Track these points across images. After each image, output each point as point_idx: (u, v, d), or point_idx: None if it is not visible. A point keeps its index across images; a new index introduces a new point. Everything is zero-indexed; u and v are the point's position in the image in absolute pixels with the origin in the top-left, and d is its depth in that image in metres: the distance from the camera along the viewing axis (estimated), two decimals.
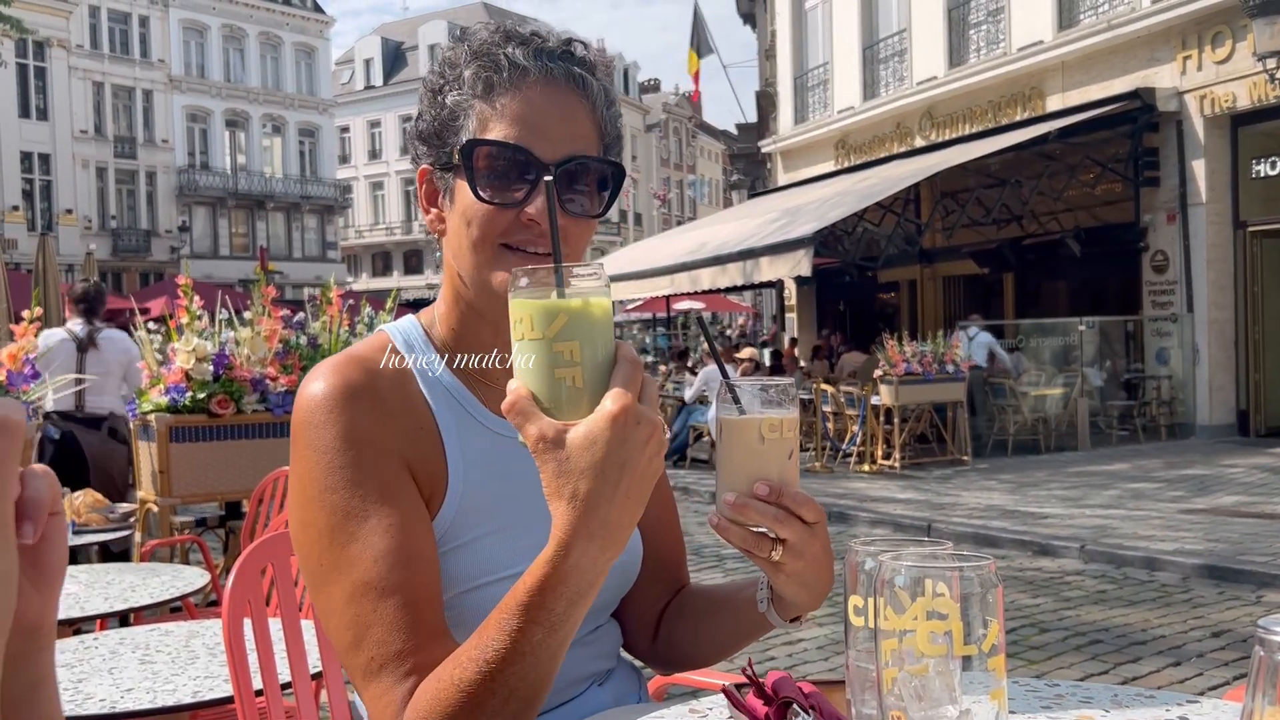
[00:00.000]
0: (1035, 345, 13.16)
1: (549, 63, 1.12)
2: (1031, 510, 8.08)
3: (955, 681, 0.80)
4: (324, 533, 1.05)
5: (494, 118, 1.10)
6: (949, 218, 14.96)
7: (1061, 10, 13.70)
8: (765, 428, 1.00)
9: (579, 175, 1.11)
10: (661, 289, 15.50)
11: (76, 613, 2.52)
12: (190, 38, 38.63)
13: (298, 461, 1.09)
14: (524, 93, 1.10)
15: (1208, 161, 12.11)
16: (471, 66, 1.12)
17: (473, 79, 1.11)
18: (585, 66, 1.14)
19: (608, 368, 0.87)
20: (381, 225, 51.21)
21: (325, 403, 1.08)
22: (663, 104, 62.32)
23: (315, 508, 1.06)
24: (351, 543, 1.04)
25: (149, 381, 5.00)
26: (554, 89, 1.11)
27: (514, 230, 1.10)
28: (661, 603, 1.33)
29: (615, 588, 1.23)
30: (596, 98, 1.14)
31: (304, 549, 1.08)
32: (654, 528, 1.30)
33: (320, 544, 1.05)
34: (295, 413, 1.10)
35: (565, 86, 1.12)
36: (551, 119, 1.10)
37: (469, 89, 1.11)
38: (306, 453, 1.08)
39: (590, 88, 1.13)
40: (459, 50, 1.14)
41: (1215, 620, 5.22)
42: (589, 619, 1.21)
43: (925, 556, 0.85)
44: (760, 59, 21.93)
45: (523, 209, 1.09)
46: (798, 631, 5.29)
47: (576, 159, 1.10)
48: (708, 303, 24.40)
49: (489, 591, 1.10)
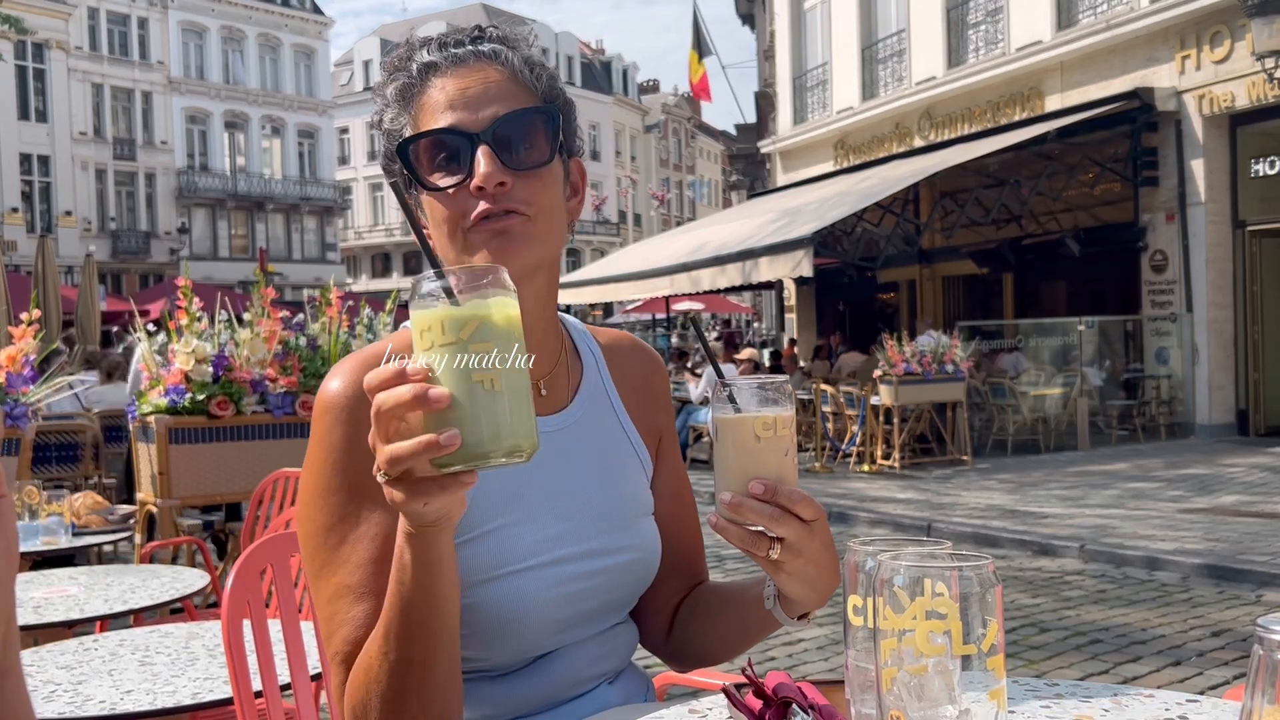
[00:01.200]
0: (1035, 345, 13.16)
1: (454, 49, 1.15)
2: (1031, 510, 8.08)
3: (954, 681, 0.80)
4: (321, 530, 1.10)
5: (420, 117, 1.14)
6: (948, 218, 14.97)
7: (1060, 10, 13.70)
8: (760, 426, 1.00)
9: (516, 132, 1.12)
10: (661, 290, 15.50)
11: (76, 614, 2.52)
12: (189, 39, 38.62)
13: (312, 453, 1.12)
14: (436, 84, 1.14)
15: (1207, 161, 12.11)
16: (391, 84, 1.16)
17: (395, 94, 1.16)
18: (496, 41, 1.17)
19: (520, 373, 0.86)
20: (381, 226, 51.21)
21: (340, 401, 1.11)
22: (661, 105, 62.31)
23: (318, 504, 1.10)
24: (342, 545, 1.08)
25: (149, 383, 5.00)
26: (465, 69, 1.14)
27: (471, 208, 1.11)
28: (677, 597, 1.33)
29: (633, 585, 1.24)
30: (514, 65, 1.16)
31: (304, 538, 1.12)
32: (671, 523, 1.31)
33: (316, 539, 1.10)
34: (315, 405, 1.14)
35: (477, 64, 1.14)
36: (470, 94, 1.12)
37: (395, 104, 1.16)
38: (317, 448, 1.12)
39: (504, 58, 1.15)
40: (382, 76, 1.19)
41: (1215, 620, 5.22)
42: (605, 616, 1.22)
43: (924, 556, 0.85)
44: (759, 59, 21.94)
45: (469, 183, 1.10)
46: (797, 632, 5.29)
47: (504, 117, 1.11)
48: (707, 303, 24.39)
49: (506, 583, 1.11)
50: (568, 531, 1.17)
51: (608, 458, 1.25)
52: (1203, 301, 12.24)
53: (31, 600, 2.65)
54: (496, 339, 0.84)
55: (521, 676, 1.17)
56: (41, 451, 6.49)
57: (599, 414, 1.27)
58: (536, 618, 1.13)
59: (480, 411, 0.83)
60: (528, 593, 1.12)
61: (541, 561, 1.14)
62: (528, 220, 1.12)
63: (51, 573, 3.07)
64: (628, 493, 1.25)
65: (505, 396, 0.84)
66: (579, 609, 1.17)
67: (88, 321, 13.65)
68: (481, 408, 0.83)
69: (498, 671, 1.16)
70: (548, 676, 1.17)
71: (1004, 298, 16.34)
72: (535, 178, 1.12)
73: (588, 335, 1.34)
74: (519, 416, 0.85)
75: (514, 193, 1.11)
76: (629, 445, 1.29)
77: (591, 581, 1.18)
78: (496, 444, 0.83)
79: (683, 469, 1.38)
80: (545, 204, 1.13)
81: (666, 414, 1.37)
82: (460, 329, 0.83)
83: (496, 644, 1.13)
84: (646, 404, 1.33)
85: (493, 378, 0.83)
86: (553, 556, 1.15)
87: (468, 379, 0.83)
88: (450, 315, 0.83)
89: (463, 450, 0.82)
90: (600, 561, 1.19)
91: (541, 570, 1.14)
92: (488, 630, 1.12)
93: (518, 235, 1.11)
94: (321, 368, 5.30)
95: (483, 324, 0.83)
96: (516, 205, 1.11)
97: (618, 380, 1.31)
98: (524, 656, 1.16)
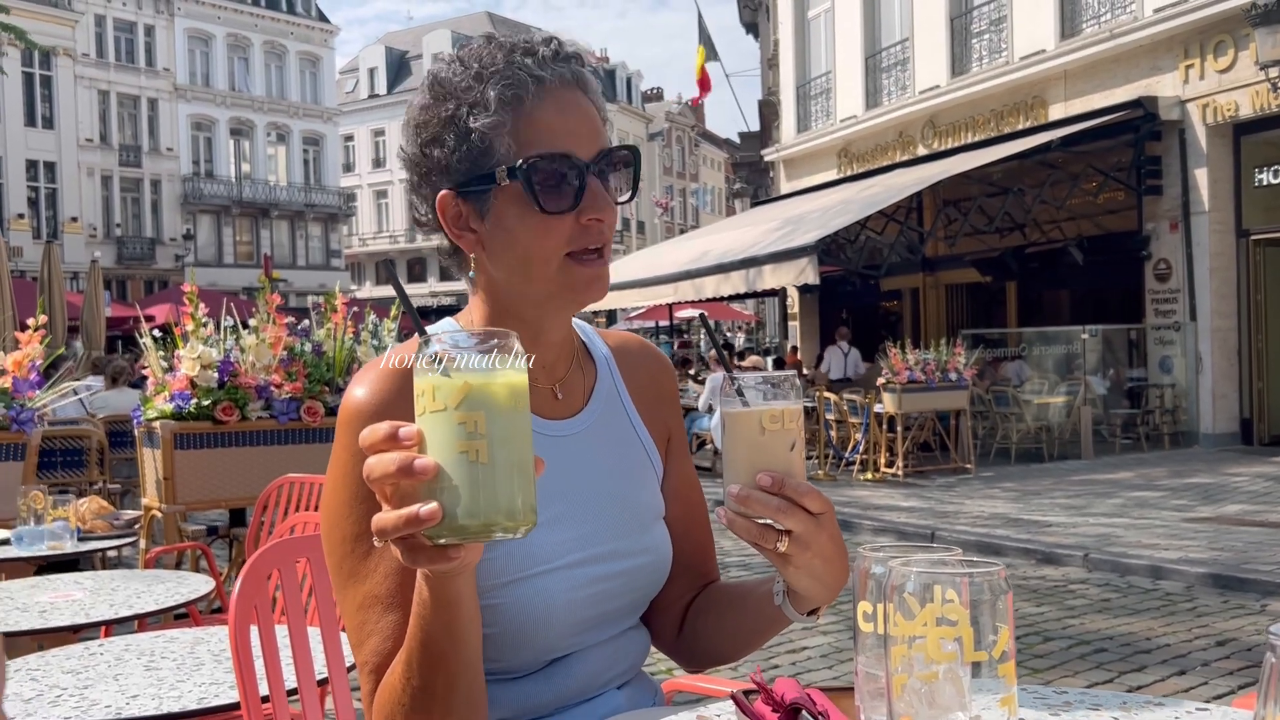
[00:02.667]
0: (1038, 353, 13.15)
1: (558, 67, 1.15)
2: (1035, 518, 8.06)
3: (965, 688, 0.80)
4: (349, 538, 1.10)
5: (531, 131, 1.12)
6: (951, 226, 14.97)
7: (1064, 19, 13.72)
8: (767, 419, 1.01)
9: (614, 164, 1.16)
10: (664, 297, 15.50)
11: (82, 619, 2.52)
12: (195, 47, 38.74)
13: (338, 461, 1.12)
14: (547, 101, 1.13)
15: (1210, 170, 12.11)
16: (495, 87, 1.11)
17: (499, 99, 1.11)
18: (580, 62, 1.18)
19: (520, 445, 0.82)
20: (385, 233, 51.28)
21: (364, 409, 1.11)
22: (665, 112, 62.39)
23: (345, 512, 1.11)
24: (371, 554, 1.09)
25: (154, 388, 5.00)
26: (568, 91, 1.15)
27: (575, 236, 1.13)
28: (687, 596, 1.34)
29: (645, 588, 1.25)
30: (594, 90, 1.18)
31: (330, 546, 1.13)
32: (681, 523, 1.32)
33: (344, 548, 1.11)
34: (340, 411, 1.15)
35: (574, 85, 1.16)
36: (576, 120, 1.14)
37: (497, 109, 1.11)
38: (344, 455, 1.12)
39: (588, 82, 1.17)
40: (464, 73, 1.14)
41: (1220, 629, 5.20)
42: (619, 620, 1.23)
43: (935, 562, 0.85)
44: (763, 68, 21.97)
45: (579, 213, 1.12)
46: (802, 639, 5.26)
47: (606, 152, 1.14)
48: (711, 311, 24.41)
49: (527, 585, 1.12)
50: (586, 535, 1.19)
51: (622, 461, 1.26)
52: (1206, 310, 12.23)
53: (37, 605, 2.65)
54: (489, 409, 0.80)
55: (535, 679, 1.18)
56: (47, 456, 6.51)
57: (612, 417, 1.28)
58: (556, 620, 1.14)
59: (466, 484, 0.79)
60: (549, 594, 1.13)
61: (562, 564, 1.15)
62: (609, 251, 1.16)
63: (57, 578, 3.07)
64: (642, 496, 1.27)
65: (495, 470, 0.80)
66: (596, 611, 1.18)
67: (93, 327, 13.67)
68: (467, 480, 0.79)
69: (512, 674, 1.17)
70: (561, 679, 1.18)
71: (1007, 306, 16.33)
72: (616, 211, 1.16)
73: (597, 338, 1.35)
74: (510, 491, 0.81)
75: (609, 226, 1.14)
76: (641, 448, 1.30)
77: (608, 584, 1.19)
78: (484, 519, 0.80)
79: (692, 469, 1.39)
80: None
81: (675, 415, 1.38)
82: (449, 397, 0.80)
83: (516, 645, 1.14)
84: (656, 405, 1.35)
85: (479, 448, 0.79)
86: (573, 559, 1.16)
87: (453, 449, 0.79)
88: (441, 382, 0.80)
89: (447, 523, 0.79)
90: (617, 565, 1.20)
91: (562, 572, 1.15)
92: (508, 631, 1.13)
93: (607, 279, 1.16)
94: (326, 374, 5.31)
95: (473, 393, 0.80)
96: (608, 239, 1.15)
97: (628, 382, 1.33)
98: (541, 659, 1.17)
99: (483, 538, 0.81)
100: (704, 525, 1.38)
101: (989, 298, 16.86)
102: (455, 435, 0.80)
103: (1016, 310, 16.06)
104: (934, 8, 15.71)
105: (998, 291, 16.50)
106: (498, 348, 0.82)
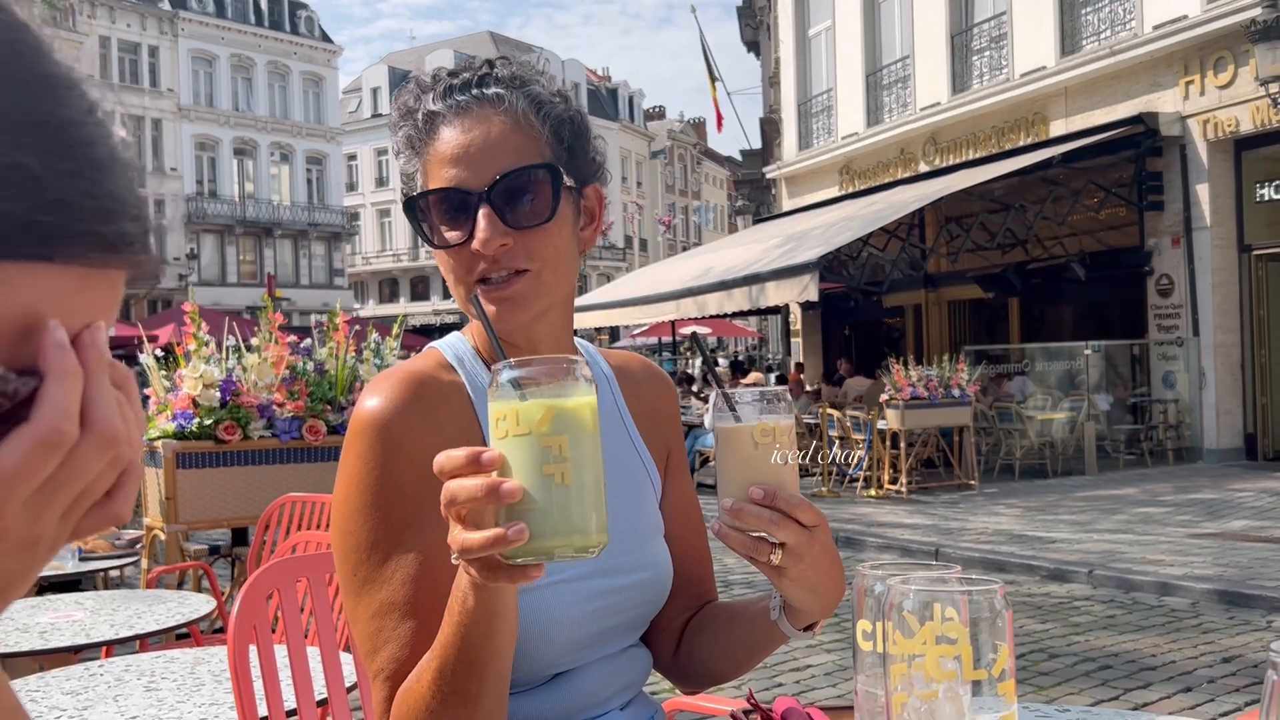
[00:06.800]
0: (1041, 369, 13.13)
1: (457, 97, 1.15)
2: (1040, 535, 8.04)
3: (965, 706, 0.79)
4: (363, 546, 1.11)
5: (429, 168, 1.16)
6: (953, 242, 14.98)
7: (1064, 36, 13.77)
8: (758, 433, 1.03)
9: (517, 189, 1.13)
10: (667, 314, 15.52)
11: (82, 639, 2.52)
12: (199, 67, 38.98)
13: (348, 468, 1.13)
14: (442, 135, 1.15)
15: (1211, 185, 12.13)
16: (401, 130, 1.18)
17: (404, 141, 1.18)
18: (502, 84, 1.16)
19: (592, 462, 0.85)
20: (388, 252, 51.41)
21: (379, 418, 1.12)
22: (668, 131, 62.62)
23: (359, 520, 1.11)
24: (386, 562, 1.10)
25: (156, 408, 5.01)
26: (469, 119, 1.14)
27: (475, 266, 1.13)
28: (684, 615, 1.34)
29: (648, 605, 1.25)
30: (518, 110, 1.15)
31: (342, 554, 1.13)
32: (680, 542, 1.33)
33: (358, 555, 1.11)
34: (352, 421, 1.15)
35: (480, 112, 1.14)
36: (473, 150, 1.13)
37: (406, 151, 1.18)
38: (358, 463, 1.12)
39: (508, 102, 1.15)
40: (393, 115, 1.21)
41: (1225, 646, 5.17)
42: (621, 636, 1.23)
43: (934, 580, 0.85)
44: (764, 86, 22.07)
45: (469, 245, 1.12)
46: (805, 658, 5.23)
47: (504, 176, 1.12)
48: (714, 328, 24.44)
49: (530, 597, 1.12)
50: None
51: (623, 478, 1.26)
52: (1209, 325, 12.22)
53: (38, 625, 2.65)
54: (570, 431, 0.83)
55: (539, 693, 1.18)
56: None
57: (614, 435, 1.28)
58: (557, 634, 1.14)
59: (551, 506, 0.83)
60: (549, 608, 1.14)
61: (565, 577, 1.16)
62: (532, 275, 1.14)
63: (58, 598, 3.07)
64: (642, 513, 1.27)
65: (576, 491, 0.83)
66: (596, 628, 1.18)
67: None
68: (552, 502, 0.83)
69: (515, 688, 1.17)
70: (564, 695, 1.18)
71: (1010, 322, 16.33)
72: (540, 232, 1.14)
73: (599, 357, 1.36)
74: (589, 512, 0.84)
75: (516, 251, 1.12)
76: (642, 466, 1.31)
77: (610, 600, 1.19)
78: (565, 540, 0.83)
79: (691, 488, 1.39)
80: (549, 254, 1.14)
81: (675, 434, 1.39)
82: (533, 421, 0.83)
83: (516, 659, 1.14)
84: (657, 424, 1.36)
85: (563, 471, 0.83)
86: (576, 573, 1.16)
87: (538, 472, 0.82)
88: (524, 407, 0.83)
89: (530, 544, 0.82)
90: (619, 580, 1.20)
91: (562, 586, 1.15)
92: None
93: (519, 297, 1.13)
94: (329, 392, 5.31)
95: (557, 416, 0.83)
96: (518, 264, 1.13)
97: (629, 401, 1.34)
98: (544, 673, 1.17)
99: (562, 558, 0.84)
100: (702, 544, 1.39)
101: (991, 314, 16.86)
102: (540, 459, 0.82)
103: (1019, 326, 16.05)
104: (934, 25, 15.79)
105: (1000, 308, 16.50)
106: (568, 372, 0.84)
